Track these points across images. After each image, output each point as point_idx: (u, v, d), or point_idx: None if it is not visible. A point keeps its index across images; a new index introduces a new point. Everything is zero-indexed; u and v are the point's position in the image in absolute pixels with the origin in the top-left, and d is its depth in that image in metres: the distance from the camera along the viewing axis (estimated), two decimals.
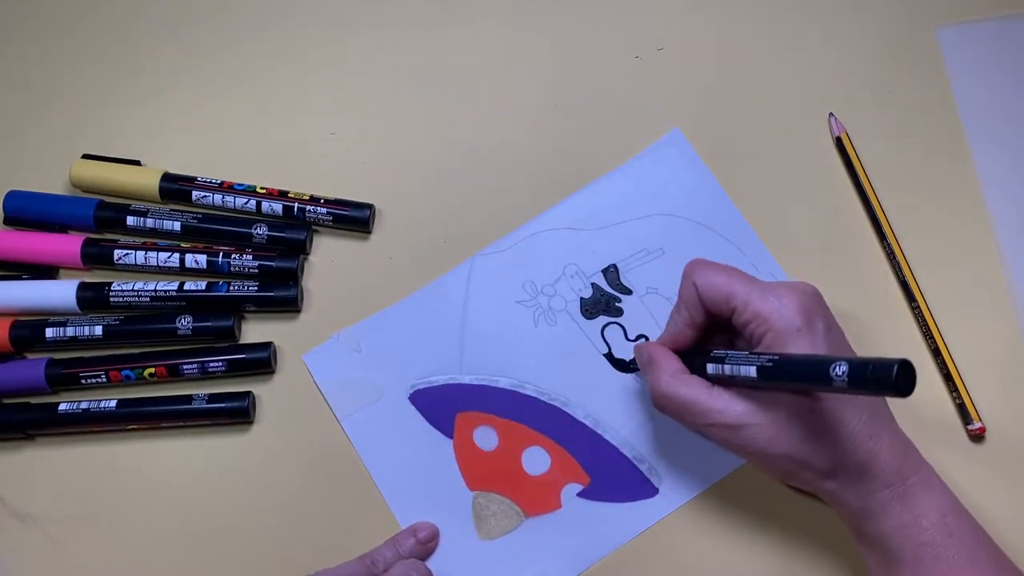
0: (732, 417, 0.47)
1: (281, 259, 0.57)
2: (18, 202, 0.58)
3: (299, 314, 0.57)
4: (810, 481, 0.47)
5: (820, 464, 0.46)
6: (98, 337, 0.55)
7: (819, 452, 0.46)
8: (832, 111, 0.60)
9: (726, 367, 0.47)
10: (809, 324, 0.46)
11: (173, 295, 0.56)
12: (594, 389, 0.56)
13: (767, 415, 0.46)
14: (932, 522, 0.45)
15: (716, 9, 0.63)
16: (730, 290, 0.48)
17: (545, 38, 0.63)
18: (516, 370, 0.56)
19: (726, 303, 0.48)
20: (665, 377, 0.49)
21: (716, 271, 0.49)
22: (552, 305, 0.57)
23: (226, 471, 0.55)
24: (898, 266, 0.57)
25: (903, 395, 0.38)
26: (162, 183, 0.58)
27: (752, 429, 0.46)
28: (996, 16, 0.62)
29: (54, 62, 0.63)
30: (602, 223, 0.59)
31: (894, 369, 0.37)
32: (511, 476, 0.54)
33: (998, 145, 0.59)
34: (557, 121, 0.61)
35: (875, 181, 0.58)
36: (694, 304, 0.50)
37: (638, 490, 0.54)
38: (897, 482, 0.46)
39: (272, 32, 0.63)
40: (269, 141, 0.61)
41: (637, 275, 0.57)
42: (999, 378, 0.55)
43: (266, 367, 0.56)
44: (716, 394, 0.48)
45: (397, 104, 0.61)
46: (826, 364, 0.41)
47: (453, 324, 0.57)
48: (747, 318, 0.47)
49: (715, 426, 0.47)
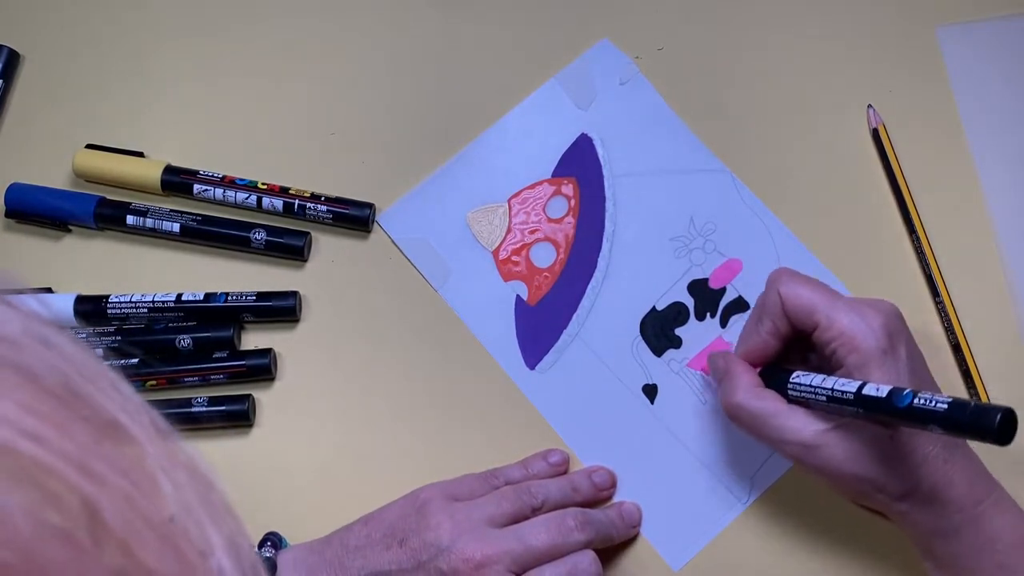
0: (809, 437, 0.46)
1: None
2: (19, 195, 0.58)
3: (298, 323, 0.57)
4: (882, 503, 0.47)
5: (894, 488, 0.45)
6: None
7: (894, 476, 0.45)
8: (832, 111, 0.60)
9: (811, 385, 0.46)
10: (893, 348, 0.46)
11: (171, 306, 0.56)
12: None
13: (843, 436, 0.45)
14: (1006, 544, 0.45)
15: (716, 10, 0.63)
16: (815, 304, 0.47)
17: (554, 36, 0.63)
18: (623, 229, 0.58)
19: (809, 317, 0.47)
20: (742, 389, 0.48)
21: (802, 282, 0.48)
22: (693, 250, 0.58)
23: (226, 474, 0.55)
24: (926, 262, 0.57)
25: (1003, 444, 0.36)
26: (164, 175, 0.58)
27: (828, 450, 0.46)
28: (996, 16, 0.62)
29: (62, 54, 0.63)
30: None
31: (996, 416, 0.36)
32: (525, 234, 0.58)
33: (998, 145, 0.59)
34: None
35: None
36: (778, 315, 0.48)
37: (529, 349, 0.56)
38: (971, 505, 0.45)
39: (277, 30, 0.63)
40: (271, 139, 0.61)
41: None
42: (1007, 375, 0.56)
43: (266, 374, 0.56)
44: (793, 411, 0.47)
45: (397, 104, 0.61)
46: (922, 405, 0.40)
47: None
48: (831, 335, 0.46)
49: (790, 443, 0.47)
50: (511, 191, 0.59)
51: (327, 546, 0.49)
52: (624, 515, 0.53)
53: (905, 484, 0.45)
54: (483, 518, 0.48)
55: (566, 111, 0.60)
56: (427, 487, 0.50)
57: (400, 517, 0.49)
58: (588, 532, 0.49)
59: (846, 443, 0.45)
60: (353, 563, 0.47)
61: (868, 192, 0.59)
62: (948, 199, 0.59)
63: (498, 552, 0.46)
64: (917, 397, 0.40)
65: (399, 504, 0.50)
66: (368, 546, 0.48)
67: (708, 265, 0.58)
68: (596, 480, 0.53)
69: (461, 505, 0.49)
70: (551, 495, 0.51)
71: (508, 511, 0.49)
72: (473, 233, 0.58)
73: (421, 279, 0.58)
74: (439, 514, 0.48)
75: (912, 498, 0.46)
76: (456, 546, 0.46)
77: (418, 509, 0.48)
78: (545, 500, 0.50)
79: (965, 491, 0.45)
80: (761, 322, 0.50)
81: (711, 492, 0.54)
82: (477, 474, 0.52)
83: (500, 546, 0.47)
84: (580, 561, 0.48)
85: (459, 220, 0.58)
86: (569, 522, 0.49)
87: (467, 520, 0.48)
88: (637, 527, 0.53)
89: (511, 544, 0.47)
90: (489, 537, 0.47)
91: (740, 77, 0.61)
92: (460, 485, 0.51)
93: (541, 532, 0.48)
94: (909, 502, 0.46)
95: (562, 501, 0.51)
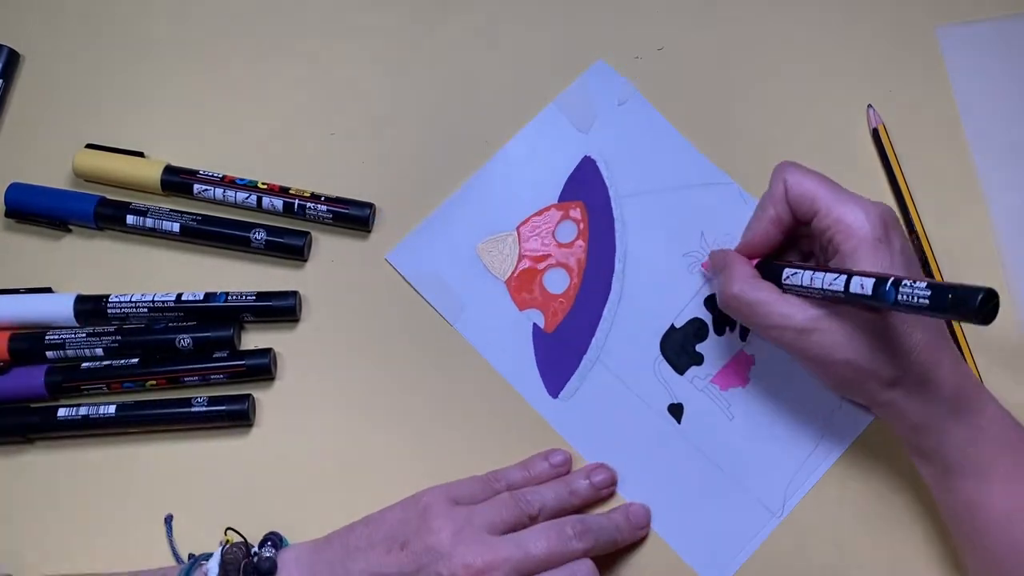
0: (801, 321, 0.48)
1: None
2: (19, 195, 0.58)
3: (297, 323, 0.57)
4: (871, 391, 0.48)
5: (883, 373, 0.47)
6: (99, 356, 0.55)
7: (883, 361, 0.47)
8: (830, 111, 0.60)
9: (805, 275, 0.47)
10: (888, 237, 0.47)
11: (171, 305, 0.56)
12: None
13: (836, 321, 0.47)
14: (989, 438, 0.47)
15: (715, 10, 0.63)
16: (817, 192, 0.49)
17: (554, 36, 0.63)
18: (634, 248, 0.58)
19: (811, 204, 0.49)
20: (738, 279, 0.50)
21: (806, 172, 0.50)
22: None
23: (226, 474, 0.55)
24: (925, 260, 0.57)
25: (985, 322, 0.38)
26: (164, 175, 0.58)
27: (820, 334, 0.47)
28: (996, 16, 0.62)
29: (62, 54, 0.63)
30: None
31: (978, 296, 0.38)
32: (536, 261, 0.58)
33: (998, 145, 0.59)
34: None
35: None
36: (781, 202, 0.50)
37: (550, 377, 0.56)
38: (955, 396, 0.47)
39: (277, 30, 0.63)
40: (271, 139, 0.61)
41: None
42: (1008, 374, 0.56)
43: (266, 374, 0.56)
44: (787, 299, 0.48)
45: (398, 103, 0.61)
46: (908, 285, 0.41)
47: None
48: (829, 223, 0.48)
49: (783, 328, 0.48)
50: (519, 219, 0.58)
51: (328, 546, 0.49)
52: (631, 517, 0.53)
53: (895, 370, 0.47)
54: (483, 524, 0.48)
55: (568, 135, 0.60)
56: (429, 490, 0.50)
57: (401, 520, 0.49)
58: (587, 540, 0.49)
59: (838, 328, 0.47)
60: (354, 564, 0.47)
61: (868, 193, 0.59)
62: (948, 199, 0.59)
63: (498, 559, 0.47)
64: (900, 291, 0.41)
65: (400, 506, 0.50)
66: (369, 548, 0.48)
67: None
68: (595, 480, 0.53)
69: (463, 510, 0.49)
70: (547, 503, 0.51)
71: (507, 519, 0.49)
72: (484, 264, 0.57)
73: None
74: (440, 519, 0.48)
75: (901, 385, 0.47)
76: (457, 552, 0.46)
77: (420, 513, 0.49)
78: (542, 508, 0.50)
79: (951, 381, 0.47)
80: (764, 210, 0.51)
81: (746, 508, 0.54)
82: (478, 476, 0.53)
83: (500, 553, 0.47)
84: (579, 569, 0.48)
85: (469, 252, 0.58)
86: (568, 531, 0.49)
87: (468, 526, 0.48)
88: (645, 529, 0.53)
89: (511, 551, 0.47)
90: (489, 544, 0.47)
91: (740, 78, 0.62)
92: (461, 488, 0.51)
93: (540, 540, 0.48)
94: (898, 390, 0.47)
95: (559, 507, 0.51)
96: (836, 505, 0.54)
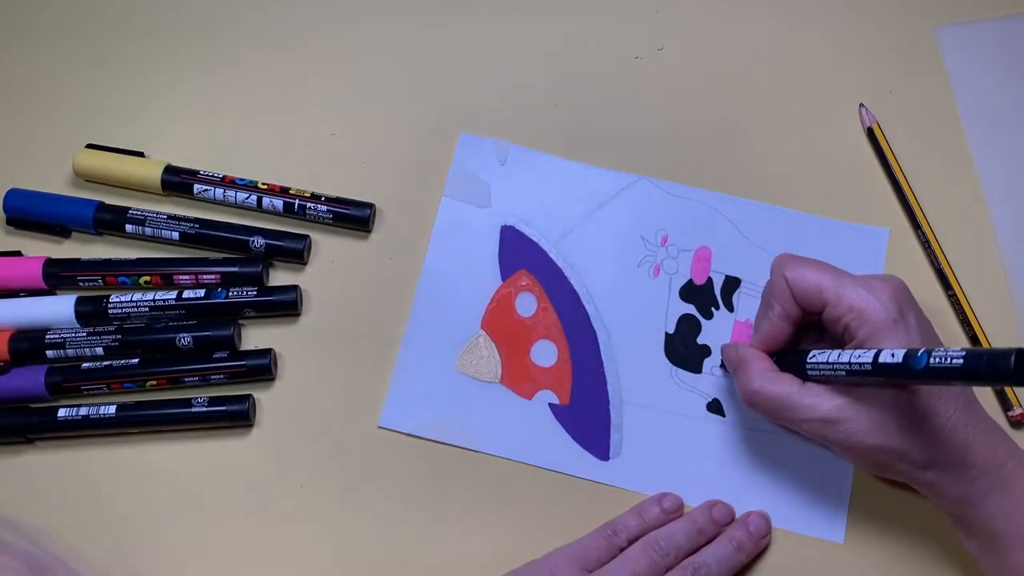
0: (827, 411, 0.47)
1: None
2: (18, 201, 0.58)
3: (299, 317, 0.57)
4: (907, 472, 0.47)
5: (917, 455, 0.46)
6: (99, 356, 0.55)
7: (916, 443, 0.46)
8: (831, 111, 0.60)
9: (832, 353, 0.46)
10: (903, 316, 0.46)
11: (172, 304, 0.56)
12: (639, 357, 0.57)
13: (862, 408, 0.46)
14: None
15: (716, 10, 0.63)
16: (822, 283, 0.48)
17: (555, 36, 0.63)
18: (594, 284, 0.58)
19: (818, 296, 0.48)
20: (757, 375, 0.49)
21: (806, 264, 0.49)
22: (665, 266, 0.57)
23: (226, 474, 0.55)
24: (933, 255, 0.57)
25: (1022, 384, 0.37)
26: (164, 175, 0.58)
27: (848, 423, 0.46)
28: (996, 16, 0.62)
29: (64, 55, 0.63)
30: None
31: (1011, 358, 0.37)
32: (517, 346, 0.57)
33: (998, 145, 0.59)
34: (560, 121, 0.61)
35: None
36: (787, 299, 0.49)
37: (592, 444, 0.55)
38: (995, 469, 0.46)
39: (277, 30, 0.63)
40: (271, 139, 0.61)
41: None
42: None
43: (266, 374, 0.56)
44: (809, 390, 0.47)
45: (398, 103, 0.61)
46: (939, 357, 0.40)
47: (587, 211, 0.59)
48: (841, 311, 0.47)
49: (810, 421, 0.47)
50: (478, 317, 0.57)
51: None
52: (752, 528, 0.52)
53: (928, 452, 0.46)
54: None
55: (475, 217, 0.59)
56: (554, 555, 0.50)
57: None
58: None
59: (867, 415, 0.46)
60: None
61: (869, 193, 0.59)
62: (948, 199, 0.59)
63: None
64: (932, 356, 0.41)
65: (526, 574, 0.49)
66: None
67: (683, 267, 0.58)
68: (716, 516, 0.52)
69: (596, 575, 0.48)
70: (680, 544, 0.50)
71: (645, 574, 0.49)
72: (471, 377, 0.56)
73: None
74: None
75: (937, 466, 0.46)
76: None
77: None
78: (677, 552, 0.50)
79: (988, 454, 0.46)
80: (771, 308, 0.50)
81: (826, 459, 0.53)
82: (596, 533, 0.51)
83: None
84: None
85: (451, 374, 0.56)
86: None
87: None
88: (767, 537, 0.53)
89: None
90: None
91: (740, 78, 0.62)
92: (586, 550, 0.50)
93: None
94: (934, 470, 0.46)
95: (691, 547, 0.51)
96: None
